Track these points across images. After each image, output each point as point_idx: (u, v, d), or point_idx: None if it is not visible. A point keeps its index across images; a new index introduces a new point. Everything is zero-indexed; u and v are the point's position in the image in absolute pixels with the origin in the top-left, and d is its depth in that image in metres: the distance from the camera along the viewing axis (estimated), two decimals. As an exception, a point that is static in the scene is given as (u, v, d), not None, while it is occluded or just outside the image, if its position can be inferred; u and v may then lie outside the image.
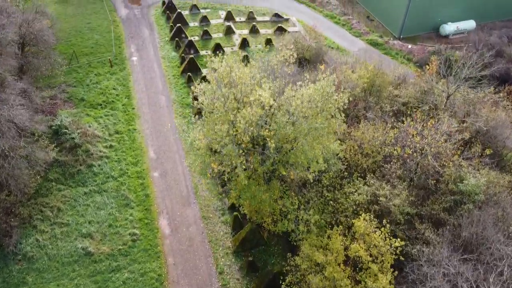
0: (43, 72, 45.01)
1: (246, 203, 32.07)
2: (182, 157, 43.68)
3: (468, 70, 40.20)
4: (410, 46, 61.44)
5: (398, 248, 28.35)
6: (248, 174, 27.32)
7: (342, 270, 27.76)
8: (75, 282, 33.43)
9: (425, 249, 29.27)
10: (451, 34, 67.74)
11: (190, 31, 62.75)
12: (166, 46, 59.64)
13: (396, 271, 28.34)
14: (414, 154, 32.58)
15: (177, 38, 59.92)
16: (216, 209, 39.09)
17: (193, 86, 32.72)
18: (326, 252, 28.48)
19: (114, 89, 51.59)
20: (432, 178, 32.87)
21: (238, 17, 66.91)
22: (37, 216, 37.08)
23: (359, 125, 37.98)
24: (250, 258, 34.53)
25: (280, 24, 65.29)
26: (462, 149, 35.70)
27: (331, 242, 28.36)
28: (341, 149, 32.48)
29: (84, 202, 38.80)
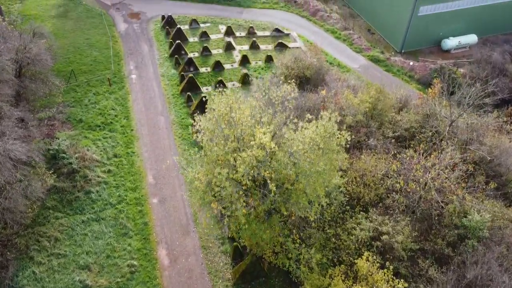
0: (41, 96, 44.43)
1: (246, 238, 31.51)
2: (181, 181, 43.09)
3: (470, 99, 39.57)
4: (411, 63, 60.86)
5: (402, 289, 27.81)
6: (248, 212, 26.76)
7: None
8: (72, 317, 32.92)
9: (428, 288, 28.77)
10: (453, 49, 67.23)
11: (189, 47, 62.17)
12: (165, 63, 59.06)
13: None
14: (417, 188, 32.02)
15: (176, 55, 59.34)
16: (215, 237, 38.52)
17: (194, 118, 31.84)
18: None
19: (113, 109, 51.00)
20: (435, 213, 32.30)
21: (238, 31, 66.35)
22: (34, 246, 36.50)
23: (361, 154, 37.38)
24: (251, 291, 33.99)
25: (280, 39, 64.69)
26: (466, 180, 35.10)
27: (333, 283, 27.79)
28: (343, 182, 31.88)
29: (81, 231, 38.22)
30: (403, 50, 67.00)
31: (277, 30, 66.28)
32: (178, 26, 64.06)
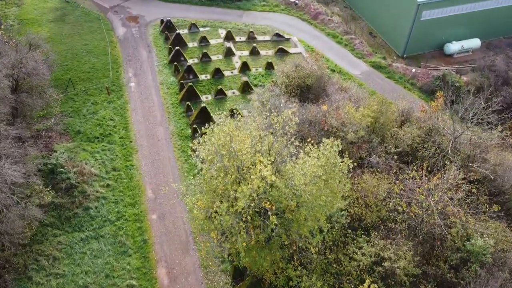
0: (38, 110, 43.84)
1: (247, 264, 31.15)
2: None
3: (474, 117, 38.92)
4: (414, 70, 60.08)
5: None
6: (248, 241, 26.35)
7: None
8: None
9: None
10: (456, 53, 66.37)
11: (189, 53, 61.34)
12: (164, 70, 58.30)
13: None
14: (420, 212, 31.60)
15: (176, 61, 58.52)
16: (215, 256, 38.18)
17: (193, 141, 31.19)
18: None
19: (112, 119, 50.41)
20: (438, 236, 31.91)
21: (238, 36, 65.42)
22: (32, 266, 36.19)
23: (363, 173, 36.89)
24: (251, 313, 33.73)
25: (281, 44, 63.81)
26: (469, 201, 34.63)
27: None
28: (345, 204, 31.43)
29: (80, 250, 37.89)
30: (405, 55, 66.20)
31: (277, 35, 65.36)
32: (177, 31, 63.13)
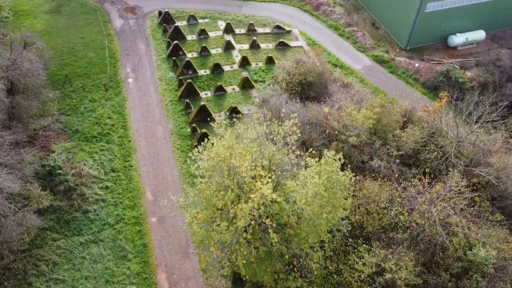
0: (34, 111, 43.10)
1: (247, 275, 30.95)
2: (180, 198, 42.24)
3: (479, 120, 38.21)
4: (417, 64, 59.00)
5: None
6: (248, 257, 26.09)
7: None
8: None
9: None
10: (460, 45, 65.12)
11: (188, 46, 60.17)
12: (163, 65, 57.25)
13: None
14: (422, 222, 31.25)
15: (174, 56, 57.42)
16: (215, 259, 37.99)
17: (192, 152, 30.52)
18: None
19: (110, 118, 49.68)
20: (439, 245, 31.65)
21: (238, 28, 64.10)
22: (32, 271, 36.07)
23: (365, 178, 36.42)
24: (251, 319, 33.77)
25: (282, 37, 62.57)
26: (472, 206, 34.20)
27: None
28: (346, 214, 31.05)
29: (80, 254, 37.71)
30: (409, 47, 64.97)
31: (278, 27, 64.01)
32: (176, 24, 61.80)
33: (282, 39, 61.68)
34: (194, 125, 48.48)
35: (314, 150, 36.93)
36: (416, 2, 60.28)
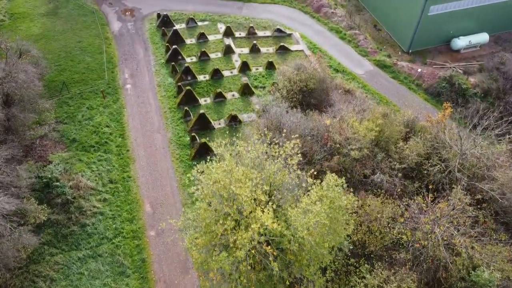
0: (30, 124, 42.35)
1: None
2: (179, 210, 41.74)
3: (484, 135, 37.51)
4: (419, 70, 58.08)
5: None
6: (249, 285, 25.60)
7: None
8: None
9: None
10: (463, 49, 64.13)
11: (187, 51, 59.23)
12: (161, 70, 56.38)
13: None
14: (425, 242, 30.69)
15: (173, 61, 56.50)
16: (215, 286, 37.50)
17: (193, 170, 29.86)
18: None
19: (108, 126, 48.97)
20: (443, 265, 31.14)
21: (238, 31, 63.09)
22: (29, 288, 35.69)
23: (366, 194, 35.82)
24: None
25: (282, 41, 61.58)
26: (477, 230, 33.59)
27: None
28: (347, 233, 30.50)
29: (78, 270, 37.24)
30: (411, 50, 64.01)
31: (278, 30, 62.98)
32: (175, 27, 60.82)
33: (282, 43, 60.70)
34: (193, 134, 47.75)
35: (315, 169, 36.34)
36: (419, 5, 59.20)
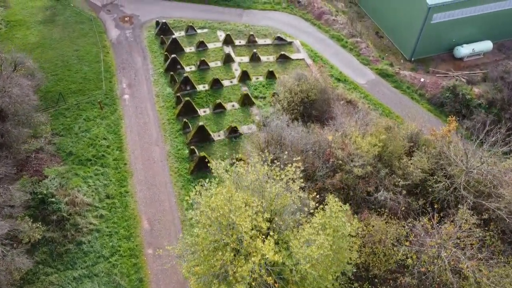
0: (25, 139, 41.35)
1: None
2: (178, 228, 40.79)
3: (491, 151, 36.53)
4: (422, 79, 57.11)
5: None
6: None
7: None
8: None
9: None
10: (466, 57, 63.18)
11: (186, 59, 58.22)
12: (160, 80, 55.38)
13: None
14: (431, 267, 29.73)
15: (172, 71, 55.54)
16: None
17: (191, 193, 28.85)
18: None
19: (105, 138, 47.96)
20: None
21: (238, 39, 62.08)
22: (23, 310, 34.71)
23: (370, 213, 34.86)
24: None
25: (283, 49, 60.61)
26: (484, 253, 32.61)
27: None
28: (351, 257, 29.52)
29: (73, 291, 36.30)
30: (413, 58, 63.07)
31: (279, 38, 61.97)
32: (174, 35, 59.78)
33: (283, 52, 59.70)
34: (192, 146, 46.77)
35: (317, 186, 35.44)
36: (422, 13, 58.28)
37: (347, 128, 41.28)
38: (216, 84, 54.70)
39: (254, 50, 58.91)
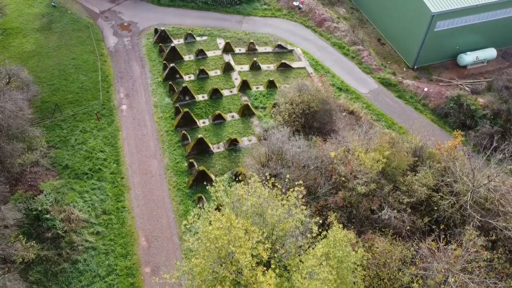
0: (19, 154, 40.33)
1: None
2: (176, 246, 39.75)
3: (498, 170, 35.48)
4: (426, 89, 56.01)
5: None
6: None
7: None
8: None
9: None
10: (470, 64, 62.11)
11: (185, 68, 57.16)
12: (158, 90, 54.31)
13: None
14: (438, 293, 28.74)
15: (171, 80, 54.50)
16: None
17: (189, 217, 27.87)
18: None
19: (102, 151, 46.91)
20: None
21: (238, 47, 61.02)
22: (16, 334, 33.62)
23: (374, 234, 33.82)
24: None
25: (283, 57, 59.57)
26: (492, 276, 31.61)
27: None
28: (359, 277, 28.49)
29: (68, 313, 35.28)
30: (416, 66, 62.01)
31: (279, 46, 60.91)
32: (172, 44, 58.70)
33: (284, 60, 58.63)
34: (191, 159, 45.73)
35: (319, 204, 34.42)
36: (425, 21, 57.21)
37: (350, 142, 40.21)
38: (215, 93, 53.64)
39: (255, 59, 57.85)
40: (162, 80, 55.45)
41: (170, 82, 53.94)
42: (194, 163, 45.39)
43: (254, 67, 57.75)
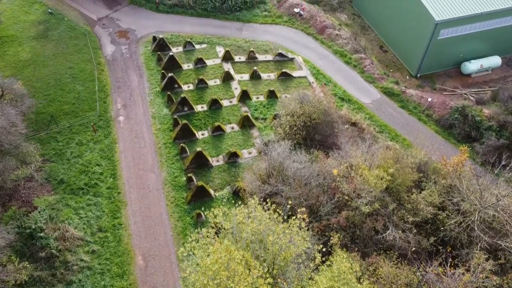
0: (12, 170, 39.20)
1: None
2: (174, 264, 38.60)
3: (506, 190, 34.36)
4: (429, 99, 54.81)
5: None
6: None
7: None
8: None
9: None
10: (474, 73, 61.00)
11: (183, 77, 55.98)
12: (157, 100, 53.12)
13: None
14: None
15: (169, 90, 53.30)
16: None
17: (186, 244, 26.72)
18: None
19: (98, 165, 45.73)
20: None
21: (238, 55, 59.83)
22: None
23: (378, 254, 32.67)
24: None
25: (284, 66, 58.39)
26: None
27: None
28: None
29: (62, 337, 34.14)
30: (419, 74, 60.89)
31: (280, 54, 59.73)
32: (171, 52, 57.48)
33: (284, 69, 57.45)
34: (189, 174, 44.55)
35: (321, 224, 33.30)
36: (429, 29, 56.08)
37: (353, 158, 39.06)
38: (215, 104, 52.43)
39: (255, 68, 56.69)
40: (160, 90, 54.28)
41: (169, 92, 52.76)
42: (193, 178, 44.23)
43: (254, 76, 56.57)
